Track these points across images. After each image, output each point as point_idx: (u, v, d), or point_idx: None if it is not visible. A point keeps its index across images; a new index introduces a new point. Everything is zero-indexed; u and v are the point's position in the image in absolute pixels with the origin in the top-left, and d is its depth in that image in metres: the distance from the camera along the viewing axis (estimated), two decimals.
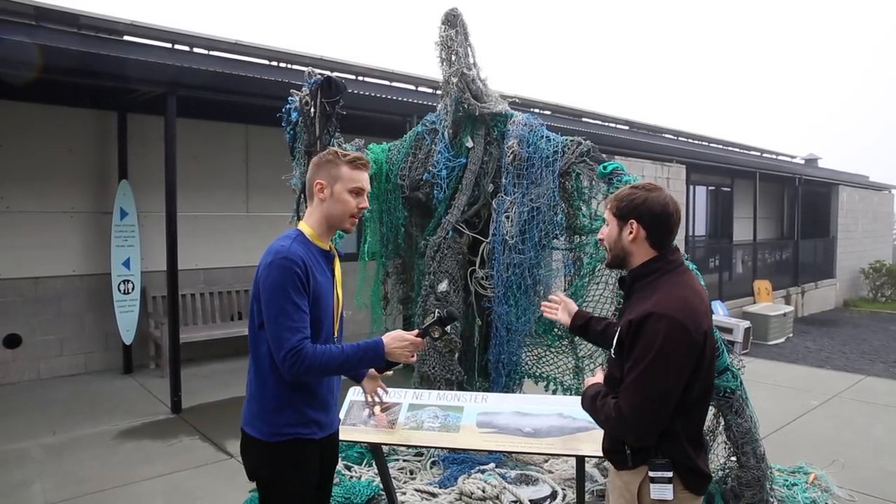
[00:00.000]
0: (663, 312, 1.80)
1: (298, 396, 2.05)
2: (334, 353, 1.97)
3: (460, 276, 4.17)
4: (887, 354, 9.98)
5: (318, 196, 2.10)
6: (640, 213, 1.94)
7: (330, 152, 2.12)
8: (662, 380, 1.79)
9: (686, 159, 11.49)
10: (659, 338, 1.78)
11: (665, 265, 1.95)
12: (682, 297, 1.86)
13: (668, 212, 1.95)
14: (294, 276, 1.94)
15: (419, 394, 3.16)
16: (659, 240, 1.96)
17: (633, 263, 1.99)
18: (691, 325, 1.80)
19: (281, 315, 1.91)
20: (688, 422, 1.90)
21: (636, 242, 1.96)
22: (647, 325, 1.80)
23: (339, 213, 2.09)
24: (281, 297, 1.92)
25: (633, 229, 1.95)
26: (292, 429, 2.04)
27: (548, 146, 4.08)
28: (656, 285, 1.91)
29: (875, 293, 17.02)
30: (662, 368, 1.78)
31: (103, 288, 6.71)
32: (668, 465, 1.87)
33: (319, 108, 3.16)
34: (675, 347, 1.78)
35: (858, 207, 17.40)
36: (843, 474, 4.18)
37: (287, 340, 1.90)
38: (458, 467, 3.81)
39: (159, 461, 4.46)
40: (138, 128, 6.87)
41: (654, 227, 1.94)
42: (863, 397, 6.28)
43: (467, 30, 4.09)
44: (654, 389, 1.79)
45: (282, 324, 1.91)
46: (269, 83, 6.20)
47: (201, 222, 7.40)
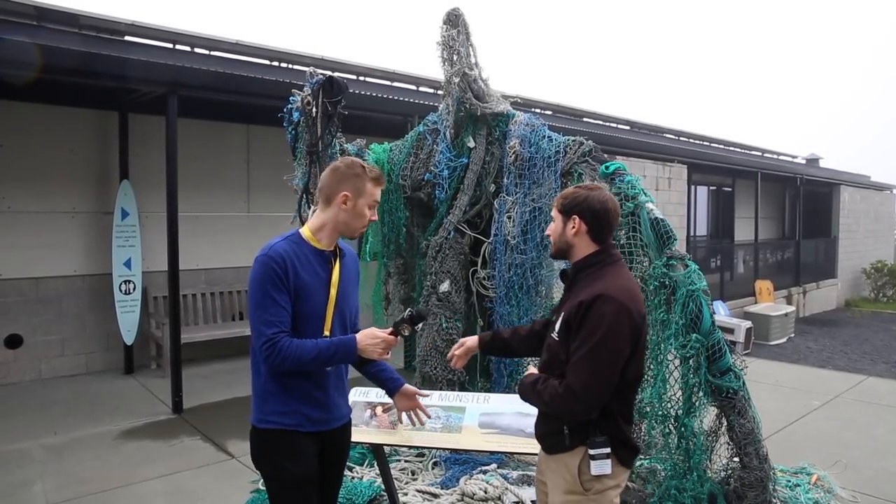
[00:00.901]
0: (611, 295, 1.97)
1: (283, 387, 2.11)
2: (307, 348, 2.03)
3: (462, 276, 4.16)
4: (889, 354, 9.96)
5: (340, 206, 2.15)
6: (581, 209, 2.11)
7: (357, 165, 2.18)
8: (609, 356, 1.95)
9: (687, 159, 11.47)
10: (607, 317, 1.94)
11: (607, 258, 2.13)
12: (626, 284, 2.07)
13: (606, 209, 2.12)
14: (272, 272, 2.02)
15: None
16: (599, 234, 2.13)
17: (575, 256, 2.17)
18: (633, 309, 1.99)
19: (258, 308, 2.01)
20: (621, 402, 2.06)
21: (578, 236, 2.13)
22: (596, 306, 1.96)
23: (355, 225, 2.18)
24: (259, 292, 2.02)
25: (575, 224, 2.12)
26: (276, 417, 2.12)
27: (550, 146, 4.08)
28: (600, 274, 2.08)
29: (876, 293, 17.00)
30: (610, 345, 1.95)
31: (104, 288, 6.71)
32: (605, 441, 2.02)
33: (321, 108, 3.15)
34: (620, 327, 1.95)
35: (860, 207, 17.38)
36: (846, 475, 4.17)
37: (263, 333, 2.00)
38: (460, 468, 3.80)
39: (161, 461, 4.46)
40: (139, 128, 6.87)
41: (595, 222, 2.11)
42: (865, 398, 6.27)
43: (469, 30, 4.09)
44: (603, 365, 1.95)
45: (259, 316, 2.01)
46: (270, 83, 6.20)
47: (202, 222, 7.40)
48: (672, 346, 3.40)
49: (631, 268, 3.75)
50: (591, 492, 2.02)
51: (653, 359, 3.55)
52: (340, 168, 2.18)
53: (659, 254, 3.54)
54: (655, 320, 3.49)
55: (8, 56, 4.67)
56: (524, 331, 2.46)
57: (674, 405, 3.44)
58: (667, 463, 3.48)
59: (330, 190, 2.16)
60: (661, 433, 3.48)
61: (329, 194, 2.16)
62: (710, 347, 3.31)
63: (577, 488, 2.03)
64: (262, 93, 6.14)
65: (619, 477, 2.07)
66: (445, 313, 3.99)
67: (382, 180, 2.23)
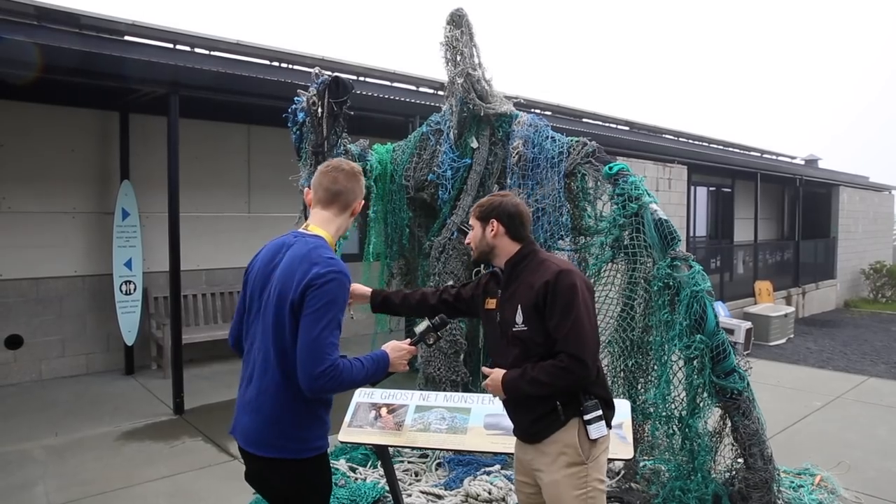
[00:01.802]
0: (569, 269, 2.20)
1: (323, 408, 2.04)
2: (357, 368, 1.97)
3: (465, 276, 4.15)
4: (889, 355, 9.97)
5: (354, 211, 2.15)
6: (498, 213, 2.30)
7: (358, 169, 2.17)
8: (590, 317, 2.16)
9: (687, 160, 11.47)
10: (576, 287, 2.14)
11: (535, 249, 2.32)
12: (567, 263, 2.32)
13: (519, 211, 2.32)
14: (346, 292, 1.94)
15: (426, 395, 3.15)
16: (517, 233, 2.30)
17: (499, 256, 2.32)
18: (586, 281, 2.24)
19: (325, 329, 1.85)
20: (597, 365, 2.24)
21: (497, 237, 2.30)
22: (561, 281, 2.13)
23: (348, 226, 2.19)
24: (332, 312, 1.87)
25: (493, 227, 2.29)
26: (321, 441, 2.03)
27: (553, 147, 4.07)
28: (540, 260, 2.26)
29: (876, 294, 17.02)
30: (587, 309, 2.15)
31: (105, 289, 6.70)
32: (596, 404, 2.17)
33: (327, 109, 3.14)
34: (586, 294, 2.17)
35: (859, 208, 17.40)
36: (849, 476, 4.17)
37: (328, 357, 1.84)
38: (464, 469, 3.79)
39: (162, 463, 4.45)
40: (140, 128, 6.86)
41: (511, 223, 2.29)
42: (866, 398, 6.27)
43: (472, 30, 4.08)
44: (589, 326, 2.13)
45: (324, 339, 1.84)
46: (271, 83, 6.19)
47: (203, 223, 7.39)
48: (676, 347, 3.40)
49: (634, 268, 3.76)
50: (589, 459, 2.15)
51: (657, 359, 3.55)
52: (359, 176, 2.15)
53: (663, 254, 3.54)
54: (659, 321, 3.49)
55: (8, 56, 4.65)
56: (415, 298, 2.59)
57: (678, 406, 3.43)
58: (671, 464, 3.48)
59: (352, 196, 2.12)
60: (665, 434, 3.47)
61: (350, 200, 2.11)
62: (714, 348, 3.31)
63: (580, 458, 2.15)
64: (263, 93, 6.13)
65: (607, 440, 2.24)
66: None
67: None
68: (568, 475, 2.15)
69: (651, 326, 3.60)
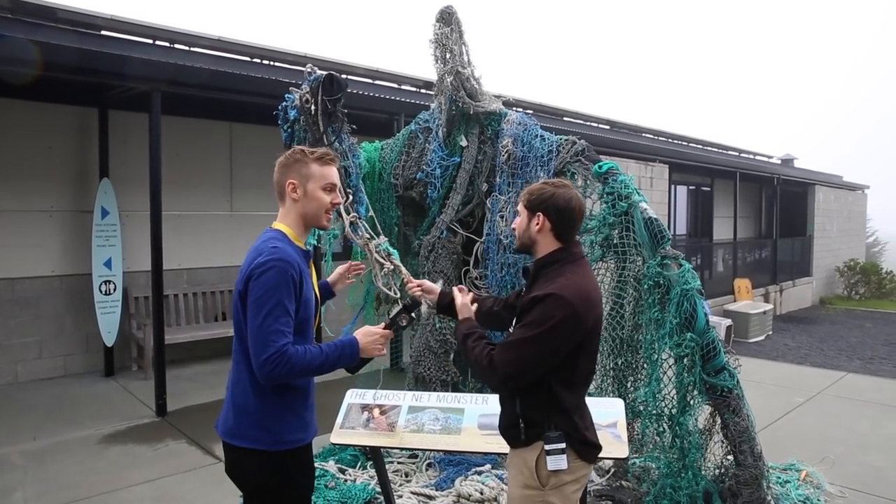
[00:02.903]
0: (562, 294, 1.98)
1: (298, 400, 2.03)
2: (315, 354, 1.94)
3: (455, 275, 4.13)
4: (863, 351, 10.18)
5: (290, 196, 2.08)
6: (546, 206, 2.11)
7: (296, 151, 2.11)
8: (542, 350, 1.97)
9: (668, 159, 11.58)
10: (554, 316, 1.95)
11: (568, 256, 2.12)
12: (582, 285, 2.05)
13: (570, 207, 2.12)
14: (289, 279, 1.91)
15: (418, 396, 3.12)
16: (563, 232, 2.13)
17: (538, 252, 2.17)
18: (582, 311, 1.99)
19: (269, 317, 1.86)
20: (573, 395, 2.07)
21: (542, 233, 2.13)
22: (546, 302, 1.98)
23: (313, 211, 2.09)
24: (272, 300, 1.87)
25: (539, 221, 2.12)
26: (295, 434, 2.02)
27: (542, 145, 4.07)
28: (560, 272, 2.07)
29: (850, 291, 17.38)
30: (546, 341, 1.96)
31: (84, 289, 6.56)
32: (560, 437, 2.03)
33: (321, 106, 3.10)
34: (564, 328, 1.96)
35: (833, 207, 17.73)
36: (833, 471, 4.23)
37: (272, 344, 1.84)
38: (455, 469, 3.77)
39: (146, 466, 4.36)
40: (120, 125, 6.72)
41: (559, 220, 2.11)
42: (845, 394, 6.38)
43: (462, 28, 4.06)
44: (531, 356, 1.97)
45: (268, 326, 1.85)
46: (255, 80, 6.11)
47: (185, 221, 7.27)
48: (666, 345, 3.41)
49: (624, 267, 3.77)
50: (547, 486, 2.04)
51: (647, 358, 3.56)
52: (281, 161, 2.12)
53: (653, 253, 3.55)
54: (650, 319, 3.50)
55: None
56: (486, 307, 2.47)
57: (668, 404, 3.45)
58: (661, 461, 3.49)
59: (278, 185, 2.10)
60: (655, 432, 3.49)
61: (279, 190, 2.10)
62: (704, 346, 3.33)
63: (534, 483, 2.05)
64: (247, 89, 6.05)
65: (578, 472, 2.08)
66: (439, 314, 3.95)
67: (329, 158, 2.14)
68: (522, 496, 2.08)
69: (641, 325, 3.62)
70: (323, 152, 2.13)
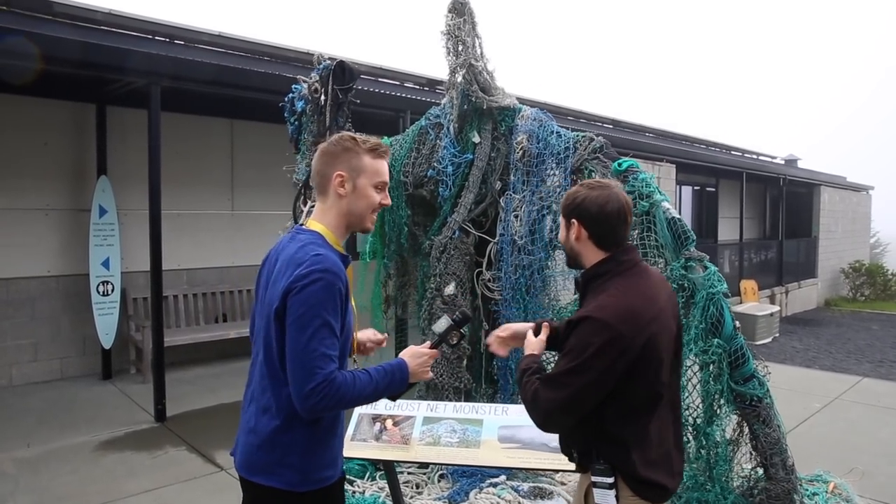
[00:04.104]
0: (598, 317, 1.76)
1: (329, 431, 1.77)
2: (365, 382, 1.69)
3: (468, 277, 3.97)
4: (872, 354, 10.04)
5: (336, 191, 1.78)
6: (579, 212, 1.90)
7: (346, 138, 1.82)
8: (584, 382, 1.75)
9: (674, 158, 11.43)
10: (592, 343, 1.74)
11: (615, 267, 1.88)
12: (625, 303, 1.80)
13: (605, 212, 1.87)
14: (336, 293, 1.64)
15: (433, 406, 2.95)
16: (603, 240, 1.89)
17: (584, 264, 1.95)
18: (627, 332, 1.75)
19: (313, 339, 1.59)
20: (632, 427, 1.82)
21: (580, 242, 1.92)
22: (582, 327, 1.78)
23: (361, 210, 1.81)
24: (317, 319, 1.60)
25: (575, 229, 1.92)
26: (325, 471, 1.76)
27: (559, 142, 3.90)
28: (605, 287, 1.85)
29: (855, 293, 17.24)
30: (587, 372, 1.74)
31: (81, 289, 6.37)
32: (607, 470, 1.82)
33: (331, 96, 2.92)
34: (604, 356, 1.74)
35: (839, 208, 17.59)
36: (860, 482, 4.06)
37: (318, 372, 1.58)
38: (468, 480, 3.60)
39: (144, 475, 4.19)
40: (118, 121, 6.55)
41: (594, 227, 1.89)
42: (864, 399, 6.22)
43: (475, 19, 3.89)
44: (574, 390, 1.76)
45: (313, 350, 1.59)
46: (256, 75, 5.96)
47: (184, 221, 7.09)
48: (692, 352, 3.25)
49: None
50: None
51: None
52: (327, 148, 1.81)
53: (676, 255, 3.39)
54: None
55: None
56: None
57: (693, 413, 3.29)
58: (686, 474, 3.33)
59: (322, 176, 1.80)
60: None
61: (322, 182, 1.80)
62: (732, 353, 3.17)
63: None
64: (248, 85, 5.88)
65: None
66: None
67: (383, 151, 1.84)
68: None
69: None
70: (376, 143, 1.83)
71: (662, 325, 1.84)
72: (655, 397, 1.85)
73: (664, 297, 1.90)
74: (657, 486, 1.83)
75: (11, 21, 4.88)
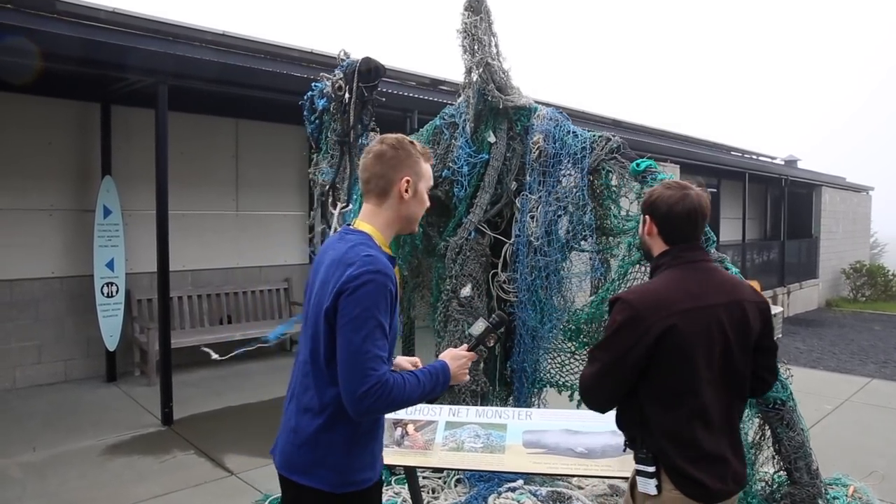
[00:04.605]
0: (626, 299, 1.91)
1: (371, 432, 1.77)
2: (413, 384, 1.69)
3: (483, 279, 3.91)
4: (876, 355, 10.01)
5: (401, 194, 1.80)
6: (651, 209, 2.04)
7: (406, 143, 1.84)
8: (607, 358, 1.89)
9: (678, 159, 11.41)
10: (615, 320, 1.89)
11: (670, 260, 1.99)
12: (655, 289, 1.93)
13: (673, 212, 1.99)
14: (388, 294, 1.64)
15: (455, 410, 2.90)
16: (669, 235, 2.01)
17: (653, 256, 2.09)
18: (646, 314, 1.84)
19: (367, 341, 1.59)
20: (670, 419, 1.87)
21: (652, 237, 2.05)
22: (612, 308, 1.94)
23: (418, 214, 1.87)
24: (370, 319, 1.59)
25: (647, 224, 2.06)
26: (365, 473, 1.77)
27: (575, 142, 3.85)
28: (657, 276, 2.00)
29: (856, 293, 17.23)
30: (609, 349, 1.88)
31: (85, 291, 6.30)
32: (649, 459, 1.89)
33: (356, 94, 2.86)
34: (623, 333, 1.86)
35: (840, 209, 17.59)
36: (879, 485, 4.02)
37: (371, 374, 1.58)
38: (486, 485, 3.54)
39: (153, 479, 4.12)
40: (123, 121, 6.48)
41: (663, 223, 2.01)
42: (875, 401, 6.19)
43: (491, 17, 3.84)
44: (600, 366, 1.90)
45: (366, 352, 1.58)
46: (262, 74, 5.89)
47: (189, 221, 7.03)
48: None
49: None
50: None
51: None
52: (388, 152, 1.81)
53: None
54: None
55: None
56: None
57: None
58: None
59: (384, 180, 1.80)
60: None
61: (385, 186, 1.80)
62: None
63: (629, 501, 2.02)
64: (254, 84, 5.82)
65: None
66: (468, 319, 3.73)
67: (431, 155, 1.95)
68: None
69: None
70: (426, 148, 1.90)
71: (697, 321, 1.86)
72: (689, 392, 1.86)
73: (716, 298, 1.92)
74: (698, 485, 1.84)
75: (15, 18, 4.81)
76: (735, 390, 1.95)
